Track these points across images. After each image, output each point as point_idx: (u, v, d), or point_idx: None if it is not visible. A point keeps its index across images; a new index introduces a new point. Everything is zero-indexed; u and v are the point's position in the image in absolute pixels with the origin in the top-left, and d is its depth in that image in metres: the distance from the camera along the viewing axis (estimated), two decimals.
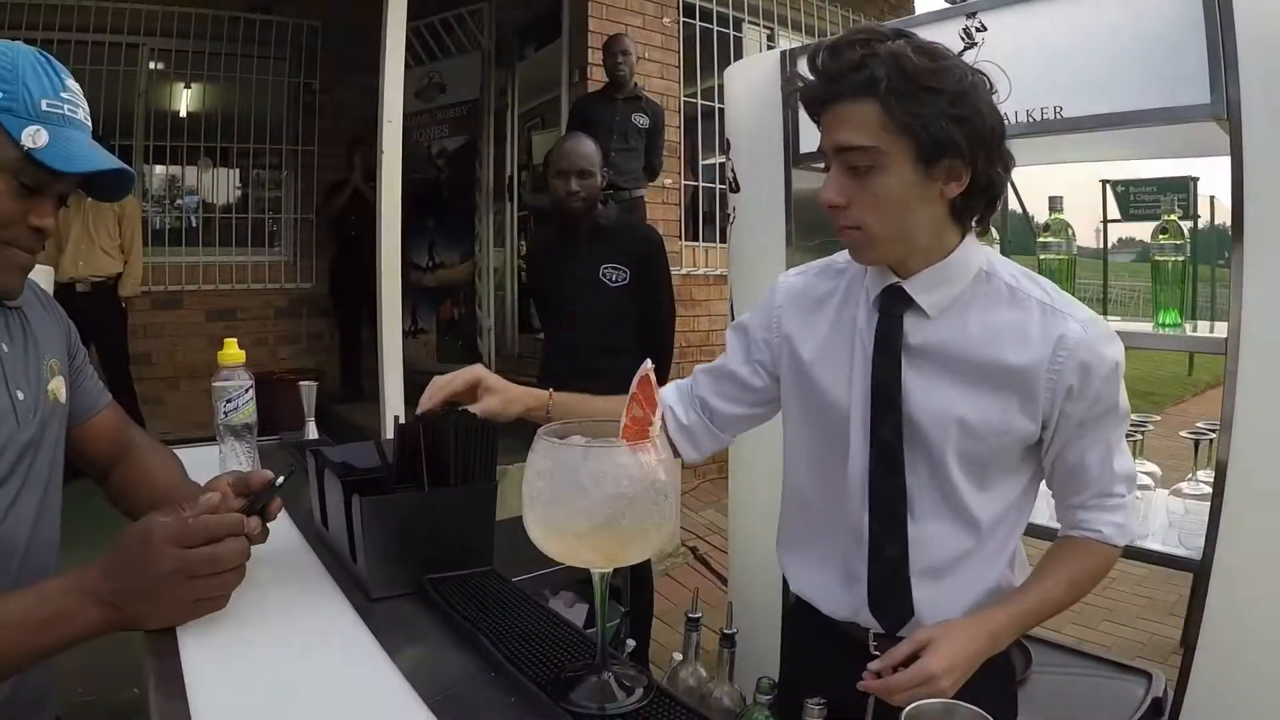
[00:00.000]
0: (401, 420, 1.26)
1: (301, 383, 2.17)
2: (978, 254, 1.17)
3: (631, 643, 1.79)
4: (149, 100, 5.92)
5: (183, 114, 6.10)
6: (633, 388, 0.82)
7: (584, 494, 0.78)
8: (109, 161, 1.07)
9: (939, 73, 1.04)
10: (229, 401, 1.56)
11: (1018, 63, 1.77)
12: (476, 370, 1.32)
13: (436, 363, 5.89)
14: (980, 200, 1.13)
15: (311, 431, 2.11)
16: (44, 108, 1.02)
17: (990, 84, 1.10)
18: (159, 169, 6.10)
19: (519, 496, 0.83)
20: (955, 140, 1.04)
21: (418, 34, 5.87)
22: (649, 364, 0.83)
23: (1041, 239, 1.97)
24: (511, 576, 1.19)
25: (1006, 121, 1.23)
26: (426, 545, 1.16)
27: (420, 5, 5.41)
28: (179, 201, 6.24)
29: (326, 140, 6.31)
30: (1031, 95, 1.76)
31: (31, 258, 1.10)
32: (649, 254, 3.01)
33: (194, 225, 6.20)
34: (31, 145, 1.00)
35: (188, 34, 5.84)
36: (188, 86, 6.12)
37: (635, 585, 2.97)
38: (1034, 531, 1.49)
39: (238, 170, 6.28)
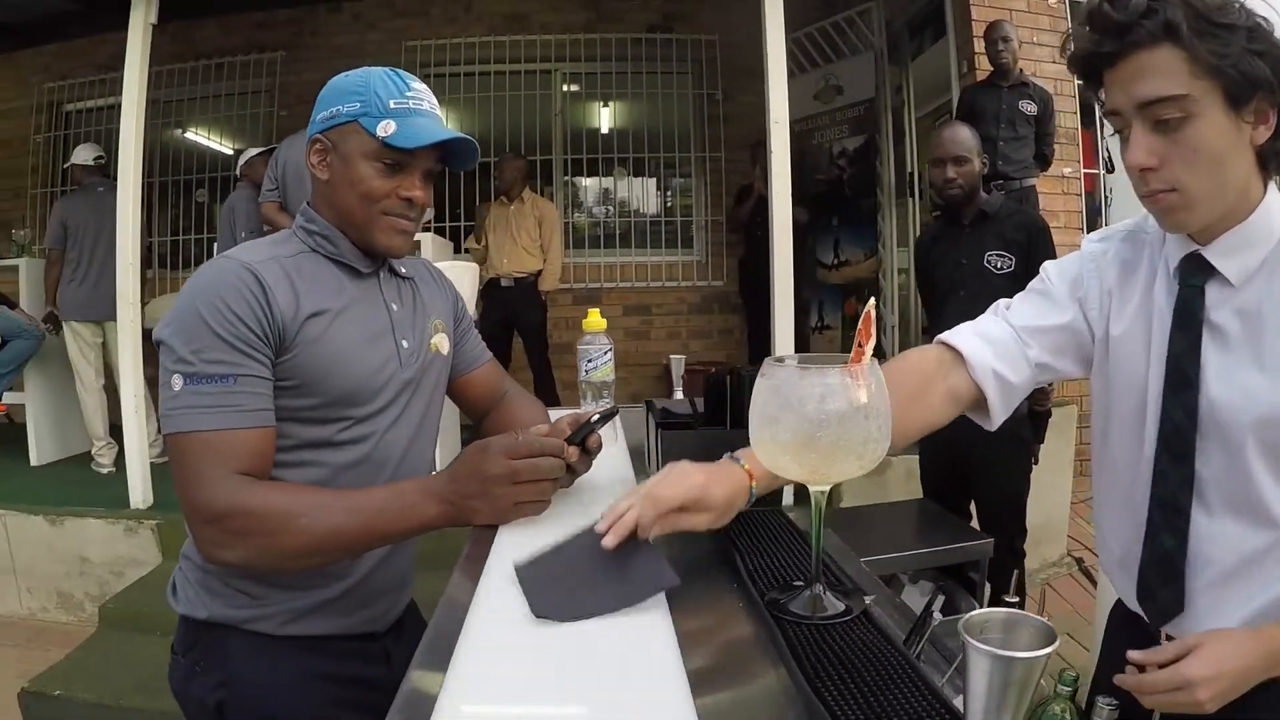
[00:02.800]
0: None
1: (672, 356, 2.44)
2: None
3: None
4: (565, 119, 6.74)
5: (604, 130, 6.82)
6: (860, 323, 0.88)
7: (792, 410, 0.85)
8: (445, 134, 1.32)
9: (1227, 9, 0.97)
10: (590, 361, 1.83)
11: None
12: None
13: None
14: None
15: (678, 397, 2.35)
16: (392, 106, 1.30)
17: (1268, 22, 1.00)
18: (579, 180, 6.92)
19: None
20: (1264, 75, 0.96)
21: (811, 38, 6.02)
22: (873, 301, 0.89)
23: None
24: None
25: None
26: None
27: (808, 11, 5.59)
28: (596, 209, 7.00)
29: (731, 146, 6.64)
30: None
31: (409, 224, 1.37)
32: (1035, 240, 2.93)
33: (612, 231, 6.90)
34: (384, 134, 1.28)
35: (595, 57, 6.53)
36: (604, 105, 6.84)
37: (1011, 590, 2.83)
38: None
39: (653, 179, 6.87)
